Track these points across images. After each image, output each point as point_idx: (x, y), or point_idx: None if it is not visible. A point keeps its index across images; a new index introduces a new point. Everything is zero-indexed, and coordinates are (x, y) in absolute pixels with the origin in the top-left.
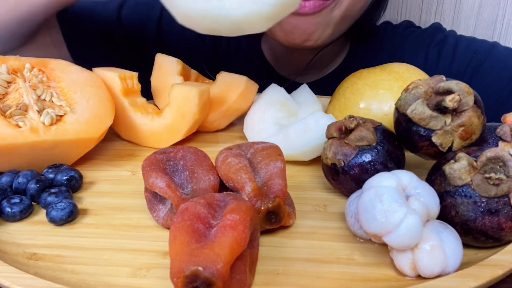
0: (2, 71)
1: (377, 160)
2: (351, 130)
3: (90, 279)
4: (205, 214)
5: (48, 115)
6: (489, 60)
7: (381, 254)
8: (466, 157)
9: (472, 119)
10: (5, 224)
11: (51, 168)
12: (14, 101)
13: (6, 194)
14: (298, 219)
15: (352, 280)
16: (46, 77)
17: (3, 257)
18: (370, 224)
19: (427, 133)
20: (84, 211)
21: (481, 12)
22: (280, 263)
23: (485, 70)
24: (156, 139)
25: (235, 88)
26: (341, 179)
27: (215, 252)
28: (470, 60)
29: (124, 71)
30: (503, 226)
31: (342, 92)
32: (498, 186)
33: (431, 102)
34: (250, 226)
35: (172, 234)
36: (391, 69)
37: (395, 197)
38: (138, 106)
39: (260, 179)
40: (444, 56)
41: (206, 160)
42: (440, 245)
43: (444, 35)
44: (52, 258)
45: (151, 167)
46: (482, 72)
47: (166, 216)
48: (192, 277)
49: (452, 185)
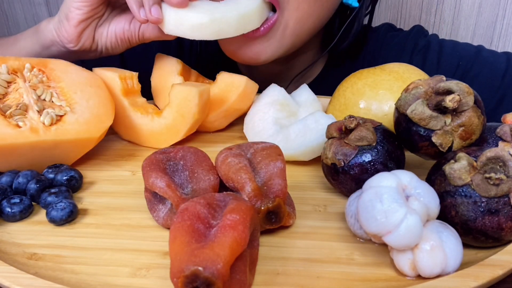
0: (2, 71)
1: (377, 160)
2: (351, 130)
3: (90, 279)
4: (205, 214)
5: (48, 115)
6: (476, 67)
7: (381, 254)
8: (466, 157)
9: (472, 119)
10: (5, 224)
11: (51, 168)
12: (14, 101)
13: (6, 194)
14: (298, 219)
15: (352, 280)
16: (46, 77)
17: (3, 257)
18: (370, 224)
19: (427, 133)
20: (84, 211)
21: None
22: (280, 263)
23: (473, 77)
24: (156, 139)
25: (235, 88)
26: (341, 179)
27: (215, 252)
28: (457, 67)
29: (124, 71)
30: (503, 226)
31: (342, 92)
32: (498, 186)
33: (431, 102)
34: (250, 226)
35: (172, 234)
36: (391, 69)
37: (395, 197)
38: (138, 106)
39: (260, 179)
40: (429, 62)
41: (206, 160)
42: (440, 245)
43: (427, 40)
44: (52, 258)
45: (151, 167)
46: (470, 78)
47: (166, 216)
48: (192, 277)
49: (452, 185)
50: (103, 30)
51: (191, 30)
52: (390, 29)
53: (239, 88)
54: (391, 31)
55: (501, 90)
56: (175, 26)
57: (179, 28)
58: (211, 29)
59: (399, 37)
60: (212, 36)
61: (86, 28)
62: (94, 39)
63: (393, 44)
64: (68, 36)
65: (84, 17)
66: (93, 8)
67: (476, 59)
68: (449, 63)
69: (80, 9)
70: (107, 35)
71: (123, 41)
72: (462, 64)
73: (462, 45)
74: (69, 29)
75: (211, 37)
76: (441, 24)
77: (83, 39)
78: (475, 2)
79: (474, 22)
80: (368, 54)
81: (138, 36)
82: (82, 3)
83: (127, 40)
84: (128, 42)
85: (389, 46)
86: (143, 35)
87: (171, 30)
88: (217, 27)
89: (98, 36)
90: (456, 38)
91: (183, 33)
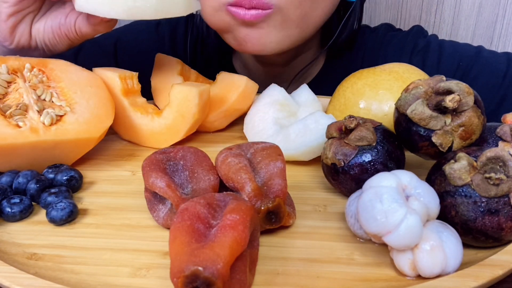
0: (2, 71)
1: (377, 160)
2: (351, 130)
3: (90, 279)
4: (205, 214)
5: (48, 115)
6: (477, 67)
7: (381, 254)
8: (466, 157)
9: (472, 119)
10: (5, 224)
11: (51, 168)
12: (14, 101)
13: (6, 194)
14: (298, 219)
15: (352, 280)
16: (46, 77)
17: (3, 257)
18: (370, 224)
19: (427, 133)
20: (84, 211)
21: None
22: (280, 263)
23: (473, 78)
24: (156, 139)
25: (235, 88)
26: (341, 179)
27: (215, 252)
28: (457, 67)
29: (124, 71)
30: (503, 226)
31: (342, 92)
32: (498, 186)
33: (431, 102)
34: (250, 226)
35: (172, 234)
36: (391, 69)
37: (395, 197)
38: (138, 106)
39: (260, 179)
40: (429, 63)
41: (206, 160)
42: (440, 245)
43: (426, 41)
44: (52, 258)
45: (151, 167)
46: (470, 79)
47: (166, 216)
48: (192, 277)
49: (452, 185)
50: (39, 25)
51: (101, 5)
52: (389, 29)
53: (239, 88)
54: (390, 31)
55: (502, 90)
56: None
57: (89, 2)
58: (124, 5)
59: (398, 37)
60: (125, 15)
61: (18, 23)
62: (31, 36)
63: (392, 44)
64: (1, 34)
65: (12, 11)
66: (21, 1)
67: (476, 60)
68: (449, 64)
69: (6, 1)
70: (44, 31)
71: (61, 37)
72: (462, 64)
73: (462, 45)
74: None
75: (124, 15)
76: (441, 24)
77: (17, 35)
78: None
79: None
80: (367, 55)
81: (75, 30)
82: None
83: (65, 36)
84: (67, 38)
85: (388, 46)
86: (80, 30)
87: (82, 6)
88: (132, 4)
89: (35, 32)
90: (456, 38)
91: (94, 8)
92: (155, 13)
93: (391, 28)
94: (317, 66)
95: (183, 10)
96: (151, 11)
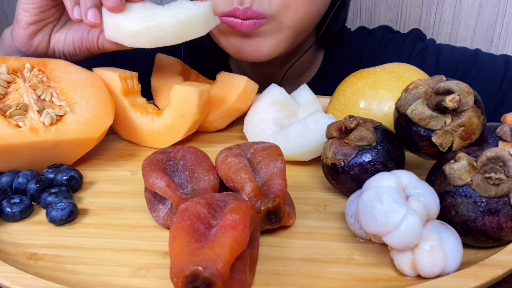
0: (2, 71)
1: (377, 160)
2: (351, 130)
3: (90, 279)
4: (205, 214)
5: (48, 115)
6: (475, 70)
7: (381, 254)
8: (466, 157)
9: (472, 119)
10: (5, 224)
11: (51, 168)
12: (14, 101)
13: (6, 194)
14: (298, 219)
15: (352, 280)
16: (46, 77)
17: (3, 257)
18: (370, 224)
19: (427, 133)
20: (84, 211)
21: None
22: (280, 263)
23: (471, 80)
24: (156, 139)
25: (235, 88)
26: (341, 179)
27: (215, 252)
28: (455, 71)
29: (124, 71)
30: (503, 226)
31: (342, 92)
32: (498, 186)
33: (431, 102)
34: (250, 226)
35: (172, 234)
36: (391, 69)
37: (395, 197)
38: (138, 106)
39: (260, 179)
40: (427, 67)
41: (206, 160)
42: (440, 245)
43: (424, 45)
44: (52, 258)
45: (151, 167)
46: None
47: (166, 216)
48: (192, 277)
49: (452, 185)
50: (59, 36)
51: (128, 37)
52: (387, 32)
53: (239, 88)
54: (388, 33)
55: (500, 93)
56: (113, 32)
57: (117, 34)
58: (148, 37)
59: (396, 40)
60: (149, 44)
61: (37, 31)
62: (50, 45)
63: (390, 47)
64: (19, 39)
65: (32, 20)
66: (42, 11)
67: (474, 63)
68: (448, 67)
69: (27, 11)
70: (64, 42)
71: (81, 50)
72: (460, 68)
73: (459, 49)
74: (19, 31)
75: (148, 45)
76: (441, 24)
77: (35, 43)
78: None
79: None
80: (365, 57)
81: (97, 46)
82: (29, 5)
83: (86, 49)
84: (87, 51)
85: (386, 49)
86: (103, 46)
87: (110, 36)
88: (154, 35)
89: (54, 42)
90: (456, 38)
91: (121, 40)
92: (176, 38)
93: (390, 30)
94: (315, 66)
95: (201, 31)
96: (172, 38)
